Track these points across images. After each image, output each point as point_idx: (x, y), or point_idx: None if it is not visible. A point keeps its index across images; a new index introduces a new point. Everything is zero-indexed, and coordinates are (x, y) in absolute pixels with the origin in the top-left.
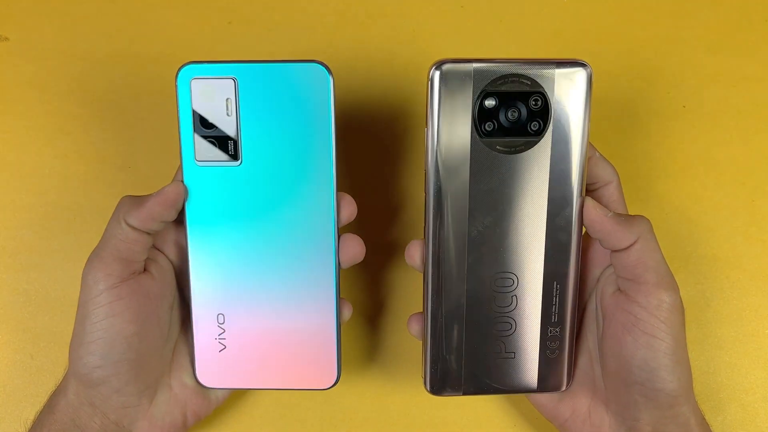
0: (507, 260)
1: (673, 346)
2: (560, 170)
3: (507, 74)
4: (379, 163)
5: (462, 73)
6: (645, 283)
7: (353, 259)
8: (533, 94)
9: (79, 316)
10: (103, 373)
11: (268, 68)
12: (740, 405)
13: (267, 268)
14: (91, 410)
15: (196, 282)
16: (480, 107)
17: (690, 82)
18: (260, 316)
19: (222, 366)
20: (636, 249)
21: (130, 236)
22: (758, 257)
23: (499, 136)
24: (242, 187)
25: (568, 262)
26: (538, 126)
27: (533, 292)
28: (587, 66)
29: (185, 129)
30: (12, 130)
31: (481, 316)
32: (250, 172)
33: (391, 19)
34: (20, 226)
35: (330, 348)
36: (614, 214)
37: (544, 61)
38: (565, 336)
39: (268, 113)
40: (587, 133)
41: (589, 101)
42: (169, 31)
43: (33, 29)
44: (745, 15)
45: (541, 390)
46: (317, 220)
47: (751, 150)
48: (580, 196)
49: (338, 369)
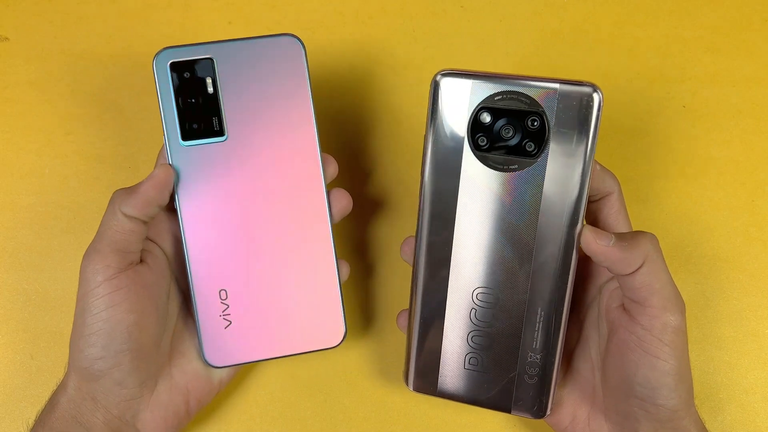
0: (490, 277)
1: (676, 367)
2: (555, 196)
3: (506, 91)
4: (380, 162)
5: (461, 86)
6: (650, 306)
7: (343, 211)
8: (531, 114)
9: (78, 309)
10: (104, 365)
11: (243, 45)
12: (740, 405)
13: (263, 237)
14: (93, 405)
15: (194, 262)
16: (475, 121)
17: (690, 82)
18: (262, 286)
19: (230, 342)
20: (642, 272)
21: (126, 226)
22: (758, 257)
23: (492, 152)
24: (230, 161)
25: (556, 291)
26: (533, 147)
27: (514, 314)
28: (597, 89)
29: (168, 112)
30: (12, 130)
31: (459, 325)
32: (236, 146)
33: (391, 19)
34: (20, 226)
35: (335, 304)
36: (616, 240)
37: (549, 79)
38: (548, 363)
39: (247, 88)
40: (590, 161)
41: (595, 128)
42: (169, 31)
43: (33, 29)
44: (745, 15)
45: (519, 413)
46: (307, 182)
47: (751, 150)
48: (580, 224)
49: (345, 324)
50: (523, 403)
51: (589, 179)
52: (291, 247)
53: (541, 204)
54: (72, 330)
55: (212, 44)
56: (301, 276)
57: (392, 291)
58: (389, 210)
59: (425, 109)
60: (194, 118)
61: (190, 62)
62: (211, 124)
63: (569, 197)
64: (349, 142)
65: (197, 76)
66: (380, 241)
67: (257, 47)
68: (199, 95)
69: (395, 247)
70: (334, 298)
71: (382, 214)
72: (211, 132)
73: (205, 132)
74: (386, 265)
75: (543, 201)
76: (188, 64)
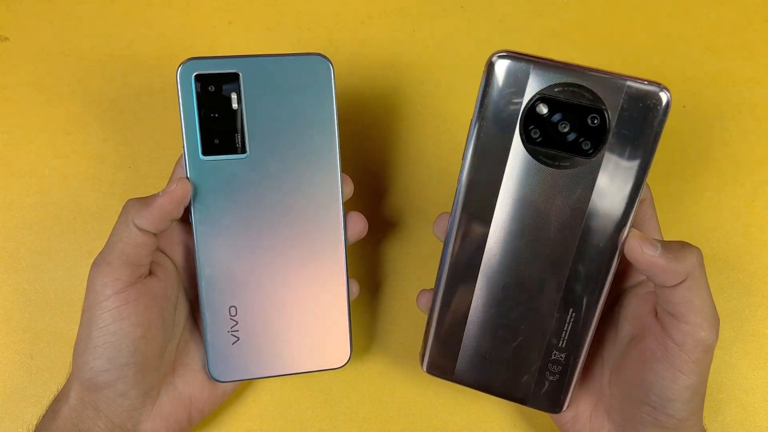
0: (523, 272)
1: (697, 383)
2: (605, 200)
3: (568, 82)
4: (379, 162)
5: (519, 70)
6: (686, 323)
7: (359, 234)
8: (592, 110)
9: (84, 320)
10: (109, 377)
11: (270, 61)
12: (740, 405)
13: (276, 256)
14: (94, 414)
15: (206, 277)
16: (530, 111)
17: (690, 82)
18: (272, 305)
19: (235, 358)
20: (684, 287)
21: (139, 239)
22: (758, 257)
23: (545, 147)
24: (249, 178)
25: (590, 295)
26: (589, 146)
27: (545, 311)
28: (666, 90)
29: (189, 124)
30: (12, 130)
31: (487, 315)
32: (256, 163)
33: (391, 19)
34: (20, 226)
35: (342, 326)
36: (663, 250)
37: (617, 75)
38: (572, 363)
39: (272, 105)
40: (648, 168)
41: (659, 132)
42: (169, 31)
43: (33, 29)
44: (745, 15)
45: (534, 407)
46: (324, 204)
47: (751, 150)
48: (626, 231)
49: (351, 345)
50: (540, 397)
51: (642, 187)
52: (303, 268)
53: (589, 206)
54: (76, 339)
55: (239, 58)
56: (312, 297)
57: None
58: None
59: (427, 109)
60: (216, 133)
61: (215, 75)
62: (233, 140)
63: (620, 203)
64: (348, 141)
65: (222, 90)
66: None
67: (284, 65)
68: (223, 110)
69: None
70: (342, 320)
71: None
72: (233, 148)
73: (226, 147)
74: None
75: (591, 203)
76: (213, 77)
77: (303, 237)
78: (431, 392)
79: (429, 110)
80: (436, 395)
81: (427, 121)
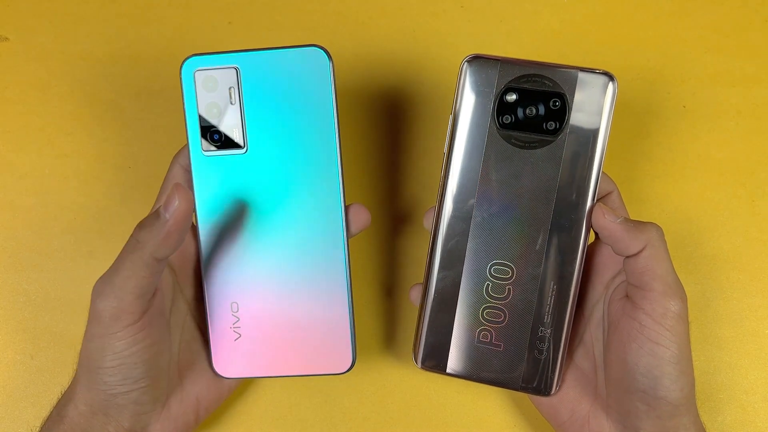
0: (506, 251)
1: (678, 355)
2: (571, 173)
3: (531, 74)
4: (379, 162)
5: (489, 67)
6: (651, 290)
7: (363, 226)
8: (553, 95)
9: (94, 346)
10: (122, 389)
11: (269, 55)
12: (740, 405)
13: (278, 253)
14: (104, 419)
15: (209, 273)
16: (501, 100)
17: (690, 82)
18: (274, 303)
19: (238, 355)
20: (644, 256)
21: (155, 268)
22: (758, 257)
23: (516, 130)
24: (249, 174)
25: (569, 266)
26: (554, 126)
27: (528, 287)
28: (613, 78)
29: (191, 120)
30: (12, 130)
31: (473, 300)
32: (256, 159)
33: (391, 19)
34: (20, 226)
35: (345, 331)
36: (624, 219)
37: (571, 66)
38: (556, 339)
39: (271, 99)
40: (605, 143)
41: (610, 112)
42: (169, 31)
43: (33, 29)
44: (745, 15)
45: (525, 390)
46: (325, 200)
47: (751, 150)
48: (591, 201)
49: (353, 352)
50: (531, 380)
51: (602, 160)
52: (305, 267)
53: (558, 181)
54: (84, 358)
55: (238, 53)
56: (314, 298)
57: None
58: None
59: (425, 108)
60: (215, 129)
61: (214, 71)
62: (232, 135)
63: (584, 175)
64: (349, 141)
65: (221, 85)
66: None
67: (283, 58)
68: (222, 105)
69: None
70: (344, 324)
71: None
72: (231, 144)
73: (225, 143)
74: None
75: (560, 178)
76: (212, 73)
77: (303, 235)
78: (431, 392)
79: (429, 110)
80: (437, 395)
81: (428, 121)
